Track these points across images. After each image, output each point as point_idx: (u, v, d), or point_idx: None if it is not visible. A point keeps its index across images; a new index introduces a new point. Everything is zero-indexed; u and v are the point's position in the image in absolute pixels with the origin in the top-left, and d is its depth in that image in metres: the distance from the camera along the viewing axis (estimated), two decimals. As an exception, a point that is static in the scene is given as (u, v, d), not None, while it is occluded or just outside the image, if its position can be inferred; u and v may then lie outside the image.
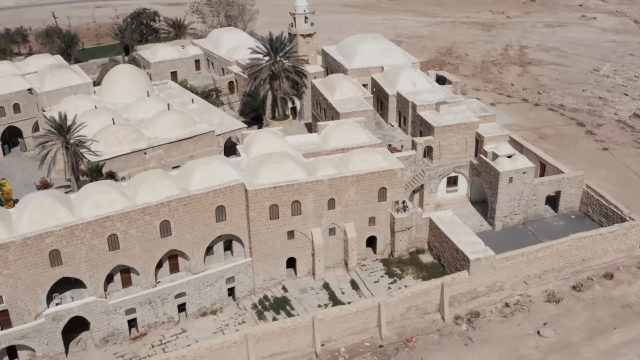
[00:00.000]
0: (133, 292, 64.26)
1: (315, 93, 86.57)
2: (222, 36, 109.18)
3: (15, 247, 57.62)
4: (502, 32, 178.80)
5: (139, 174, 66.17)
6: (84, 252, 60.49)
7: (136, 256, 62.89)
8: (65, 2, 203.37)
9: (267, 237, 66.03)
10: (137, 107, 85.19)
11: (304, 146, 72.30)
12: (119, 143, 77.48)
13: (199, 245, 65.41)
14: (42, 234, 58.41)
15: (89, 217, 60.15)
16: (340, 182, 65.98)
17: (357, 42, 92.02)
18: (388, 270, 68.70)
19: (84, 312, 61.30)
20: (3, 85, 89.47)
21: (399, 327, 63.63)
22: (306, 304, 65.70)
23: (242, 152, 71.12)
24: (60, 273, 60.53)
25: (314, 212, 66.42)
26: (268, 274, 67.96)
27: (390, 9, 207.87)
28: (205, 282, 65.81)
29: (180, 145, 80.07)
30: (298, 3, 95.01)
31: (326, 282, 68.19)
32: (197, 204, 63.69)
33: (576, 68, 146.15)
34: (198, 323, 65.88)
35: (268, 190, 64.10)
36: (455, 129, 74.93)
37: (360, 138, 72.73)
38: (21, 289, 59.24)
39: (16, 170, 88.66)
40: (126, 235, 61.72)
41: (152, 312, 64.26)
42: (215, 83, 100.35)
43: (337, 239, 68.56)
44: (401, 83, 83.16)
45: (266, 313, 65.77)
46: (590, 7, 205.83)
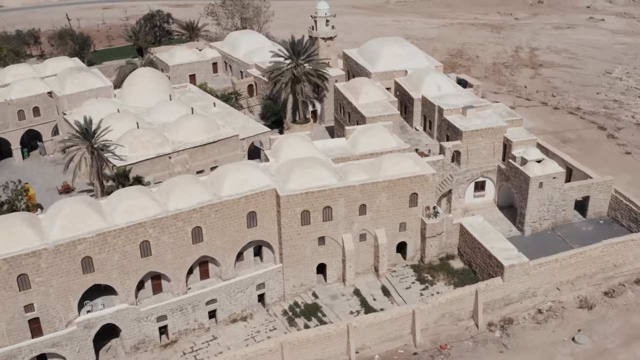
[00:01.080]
0: (164, 298, 63.62)
1: (339, 97, 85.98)
2: (240, 39, 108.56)
3: (48, 254, 56.94)
4: (512, 33, 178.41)
5: (169, 180, 65.52)
6: (116, 259, 59.84)
7: (168, 262, 62.24)
8: (73, 4, 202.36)
9: (298, 243, 65.45)
10: (160, 110, 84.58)
11: (332, 151, 71.74)
12: (143, 147, 76.90)
13: (230, 251, 64.78)
14: (75, 240, 57.71)
15: (121, 223, 59.47)
16: (371, 188, 65.41)
17: (380, 46, 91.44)
18: (419, 277, 68.16)
19: (116, 320, 60.70)
20: (23, 88, 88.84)
21: (432, 334, 63.12)
22: (338, 311, 65.12)
23: (271, 157, 70.51)
24: (92, 280, 59.85)
25: (345, 218, 65.84)
26: (298, 280, 67.38)
27: (398, 10, 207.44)
28: (236, 288, 65.24)
29: (204, 149, 79.51)
30: (319, 6, 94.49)
31: (357, 288, 67.62)
32: (228, 209, 63.07)
33: (588, 70, 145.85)
34: (229, 330, 65.29)
35: (300, 196, 63.51)
36: (483, 133, 74.39)
37: (388, 143, 72.17)
38: (53, 296, 58.54)
39: (36, 174, 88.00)
40: (158, 242, 61.08)
41: (183, 318, 63.68)
42: (235, 86, 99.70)
43: (368, 244, 68.00)
44: (426, 87, 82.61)
45: (297, 319, 65.18)
46: (598, 9, 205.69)
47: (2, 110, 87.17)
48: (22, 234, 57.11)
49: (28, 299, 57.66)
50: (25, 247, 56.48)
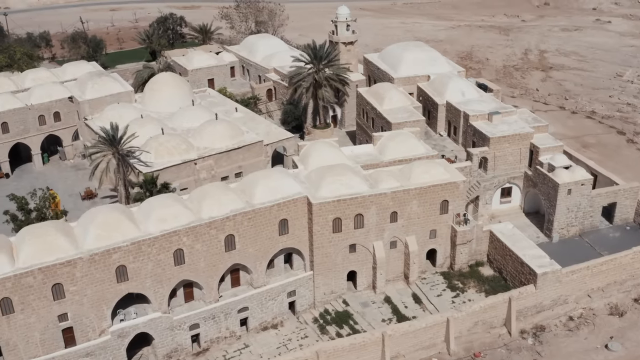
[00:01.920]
0: (195, 306, 63.37)
1: (362, 102, 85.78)
2: (257, 43, 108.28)
3: (83, 263, 56.65)
4: (520, 35, 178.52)
5: (201, 187, 65.27)
6: (149, 268, 59.58)
7: (200, 271, 62.00)
8: (79, 5, 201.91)
9: (330, 250, 65.27)
10: (183, 116, 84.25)
11: (360, 157, 71.59)
12: (169, 153, 76.58)
13: (261, 259, 64.57)
14: (110, 249, 57.44)
15: (155, 231, 59.20)
16: (403, 195, 65.27)
17: (402, 51, 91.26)
18: (449, 284, 68.04)
19: (149, 328, 60.46)
20: (43, 93, 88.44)
21: (466, 341, 63.02)
22: (370, 319, 64.95)
23: (299, 163, 70.28)
24: (126, 289, 59.57)
25: (376, 225, 65.69)
26: (328, 287, 67.21)
27: (404, 12, 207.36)
28: (267, 296, 65.07)
29: (229, 155, 79.23)
30: (340, 11, 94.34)
31: (387, 295, 67.47)
32: (261, 217, 62.84)
33: (598, 73, 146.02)
34: (260, 337, 65.09)
35: (332, 203, 63.32)
36: (510, 139, 74.34)
37: (417, 149, 72.07)
38: (87, 305, 58.26)
39: (57, 180, 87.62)
40: (192, 250, 60.83)
41: (215, 327, 63.49)
42: (254, 91, 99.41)
43: (398, 252, 67.85)
44: (450, 92, 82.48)
45: (328, 327, 65.00)
46: (604, 11, 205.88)
47: (22, 115, 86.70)
48: (56, 243, 56.82)
49: (62, 308, 57.39)
50: (60, 257, 56.16)
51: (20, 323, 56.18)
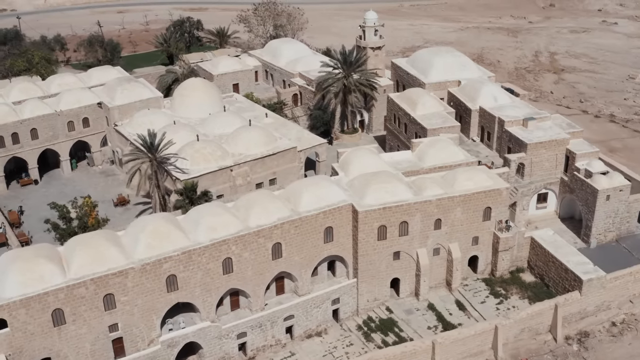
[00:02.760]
0: (241, 315, 63.27)
1: (393, 107, 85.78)
2: (281, 47, 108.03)
3: (135, 273, 56.44)
4: (528, 37, 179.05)
5: (247, 195, 65.10)
6: (199, 277, 59.41)
7: (248, 279, 61.88)
8: (86, 7, 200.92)
9: (374, 258, 65.30)
10: (215, 122, 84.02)
11: (400, 164, 71.62)
12: (205, 160, 76.38)
13: (306, 266, 64.50)
14: (161, 259, 57.24)
15: (205, 240, 59.02)
16: (447, 202, 65.36)
17: (431, 56, 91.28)
18: (492, 290, 68.19)
19: (198, 338, 60.41)
20: (72, 99, 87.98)
21: (512, 348, 63.19)
22: (415, 326, 65.01)
23: (340, 170, 70.24)
24: (176, 298, 59.39)
25: (421, 233, 65.76)
26: (372, 294, 67.24)
27: (412, 14, 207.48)
28: (312, 304, 65.09)
29: (264, 161, 79.13)
30: (368, 16, 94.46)
31: (431, 302, 67.54)
32: (307, 225, 62.78)
33: (610, 75, 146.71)
34: (305, 345, 65.06)
35: (377, 211, 63.34)
36: (547, 145, 74.59)
37: (456, 156, 72.21)
38: (137, 315, 58.03)
39: (87, 186, 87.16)
40: (240, 259, 60.70)
41: (261, 335, 63.46)
42: (280, 96, 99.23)
43: (441, 259, 67.95)
44: (482, 97, 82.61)
45: (373, 335, 65.01)
46: (610, 12, 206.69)
47: (52, 122, 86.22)
48: (107, 253, 56.58)
49: (113, 318, 57.14)
50: (111, 267, 55.91)
51: (71, 334, 55.91)
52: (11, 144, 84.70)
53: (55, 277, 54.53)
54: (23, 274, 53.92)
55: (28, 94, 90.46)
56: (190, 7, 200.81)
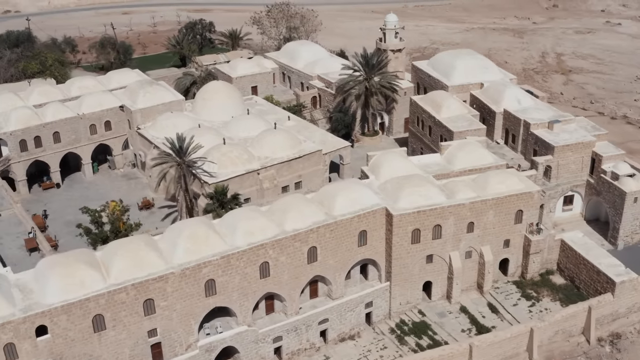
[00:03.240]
0: (276, 318, 63.30)
1: (417, 110, 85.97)
2: (299, 49, 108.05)
3: (174, 278, 56.41)
4: (534, 38, 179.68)
5: (281, 199, 65.13)
6: (237, 281, 59.43)
7: (284, 283, 61.93)
8: (91, 9, 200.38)
9: (408, 261, 65.46)
10: (239, 125, 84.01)
11: (429, 167, 71.81)
12: (232, 164, 76.41)
13: (340, 270, 64.61)
14: (201, 264, 57.22)
15: (242, 245, 59.02)
16: (480, 206, 65.58)
17: (453, 58, 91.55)
18: (523, 293, 68.45)
19: (236, 342, 60.39)
20: (94, 102, 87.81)
21: (546, 350, 63.48)
22: (449, 329, 65.19)
23: (370, 173, 70.34)
24: (214, 303, 59.37)
25: (453, 236, 65.96)
26: (405, 297, 67.39)
27: (416, 15, 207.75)
28: (346, 307, 65.21)
29: (290, 164, 79.24)
30: (388, 18, 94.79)
31: (463, 305, 67.74)
32: (342, 229, 62.89)
33: (618, 76, 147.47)
34: (339, 349, 65.20)
35: (412, 214, 63.50)
36: (574, 148, 74.93)
37: (485, 159, 72.48)
38: (175, 320, 57.98)
39: (110, 190, 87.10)
40: (277, 263, 60.75)
41: (296, 339, 63.56)
42: (299, 98, 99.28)
43: (473, 261, 68.15)
44: (506, 100, 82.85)
45: (407, 338, 65.16)
46: (613, 13, 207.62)
47: (74, 125, 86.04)
48: (147, 258, 56.53)
49: (152, 324, 57.08)
50: (151, 272, 55.84)
51: (111, 340, 55.79)
52: (34, 148, 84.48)
53: (95, 283, 54.41)
54: (63, 279, 53.77)
55: (48, 97, 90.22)
56: (194, 9, 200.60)
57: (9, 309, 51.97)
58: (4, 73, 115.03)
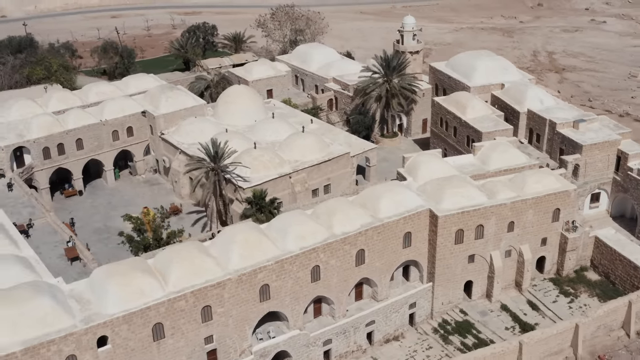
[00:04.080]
0: (324, 322, 63.66)
1: (440, 111, 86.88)
2: (311, 52, 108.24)
3: (232, 284, 56.46)
4: (524, 37, 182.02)
5: (325, 203, 65.44)
6: (289, 285, 59.68)
7: (333, 286, 62.35)
8: (78, 12, 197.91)
9: (451, 261, 66.28)
10: (265, 129, 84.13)
11: (464, 168, 72.68)
12: (264, 168, 76.57)
13: (386, 272, 65.23)
14: (256, 269, 57.36)
15: (295, 249, 59.29)
16: (521, 205, 66.66)
17: (472, 59, 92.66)
18: (561, 290, 69.70)
19: (288, 346, 60.56)
20: (116, 108, 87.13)
21: (589, 345, 64.71)
22: (493, 327, 66.12)
23: (407, 175, 71.00)
24: (267, 308, 59.55)
25: (494, 235, 66.93)
26: (446, 297, 68.20)
27: (405, 15, 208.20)
28: (392, 308, 65.80)
29: (320, 167, 79.59)
30: (406, 20, 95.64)
31: (503, 303, 68.72)
32: (388, 231, 63.50)
33: (611, 74, 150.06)
34: (385, 350, 65.78)
35: (456, 215, 64.33)
36: (601, 146, 76.50)
37: (519, 159, 73.63)
38: (231, 326, 58.05)
39: (134, 196, 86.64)
40: (327, 266, 61.13)
41: (345, 341, 63.97)
42: (316, 101, 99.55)
43: (512, 260, 69.21)
44: (529, 100, 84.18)
45: (451, 337, 65.94)
46: (597, 11, 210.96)
47: (97, 131, 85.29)
48: (204, 265, 56.52)
49: (209, 330, 57.07)
50: (209, 279, 55.83)
51: (169, 348, 55.62)
52: (57, 155, 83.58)
53: (155, 291, 54.22)
54: (123, 289, 53.46)
55: (67, 104, 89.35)
56: (184, 11, 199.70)
57: (70, 321, 51.49)
58: (8, 79, 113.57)
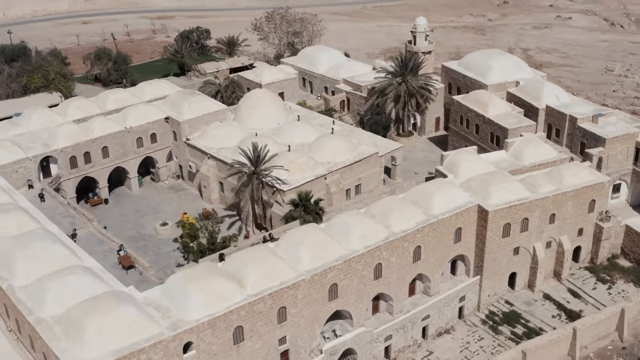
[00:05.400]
0: (382, 318, 65.17)
1: (460, 109, 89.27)
2: (317, 55, 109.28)
3: (305, 284, 57.47)
4: (496, 35, 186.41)
5: (378, 202, 66.97)
6: (355, 284, 61.02)
7: (393, 283, 63.96)
8: (48, 19, 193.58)
9: (498, 254, 68.60)
10: (292, 131, 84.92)
11: (499, 163, 75.03)
12: (300, 170, 77.53)
13: (439, 267, 67.16)
14: (327, 269, 58.50)
15: (359, 248, 60.65)
16: (562, 198, 69.44)
17: (487, 58, 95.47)
18: (598, 277, 72.82)
19: (354, 343, 61.81)
20: (139, 115, 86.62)
21: (632, 328, 67.98)
22: (540, 316, 68.69)
23: (447, 172, 72.99)
24: (335, 307, 60.78)
25: (537, 228, 69.53)
26: (492, 289, 70.51)
27: (376, 15, 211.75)
28: (445, 302, 67.67)
29: (351, 168, 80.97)
30: (418, 22, 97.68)
31: (545, 293, 71.41)
32: (442, 227, 65.42)
33: (587, 69, 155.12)
34: (439, 343, 67.62)
35: (505, 210, 66.67)
36: (622, 139, 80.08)
37: (550, 153, 76.51)
38: (303, 326, 59.07)
39: (161, 203, 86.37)
40: (388, 264, 62.69)
41: (403, 336, 65.56)
42: (329, 102, 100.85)
43: (551, 251, 71.96)
44: (546, 96, 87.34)
45: (500, 328, 68.22)
46: (561, 7, 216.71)
47: (122, 139, 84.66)
48: (277, 267, 57.41)
49: (283, 331, 57.98)
50: (283, 280, 56.72)
51: (247, 350, 56.34)
52: (83, 164, 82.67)
53: (234, 295, 54.85)
54: (205, 294, 53.89)
55: (86, 112, 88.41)
56: (157, 16, 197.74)
57: (156, 328, 51.69)
58: (5, 89, 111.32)
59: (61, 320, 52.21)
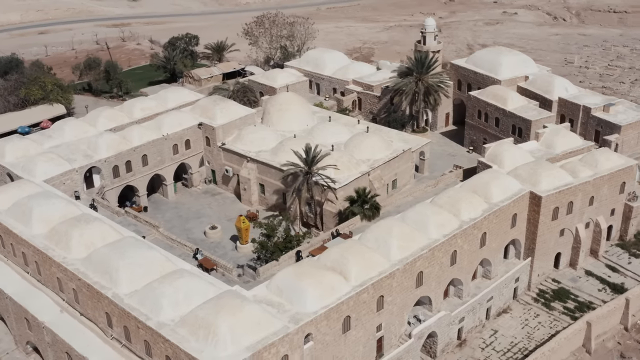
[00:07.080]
0: (453, 302, 69.29)
1: (477, 104, 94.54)
2: (322, 57, 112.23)
3: (399, 273, 61.02)
4: (452, 32, 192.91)
5: (444, 193, 70.80)
6: (436, 271, 64.95)
7: (464, 268, 68.21)
8: (3, 31, 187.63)
9: (547, 236, 74.00)
10: (325, 132, 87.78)
11: (534, 153, 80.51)
12: (346, 168, 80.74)
13: (498, 251, 71.91)
14: (415, 258, 62.21)
15: (439, 237, 64.63)
16: (599, 181, 75.51)
17: (496, 55, 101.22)
18: (630, 252, 79.31)
19: (436, 327, 65.77)
20: (174, 122, 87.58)
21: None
22: (587, 291, 74.44)
23: (491, 163, 77.89)
24: (420, 293, 64.50)
25: (579, 210, 75.34)
26: (541, 269, 75.87)
27: (332, 16, 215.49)
28: (504, 284, 72.50)
29: (389, 164, 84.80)
30: (428, 22, 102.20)
31: (587, 270, 77.37)
32: (503, 214, 70.20)
33: (548, 62, 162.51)
34: (500, 322, 72.27)
35: (555, 194, 72.10)
36: (634, 125, 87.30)
37: (577, 141, 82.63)
38: (395, 313, 62.51)
39: (201, 207, 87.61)
40: (462, 250, 66.91)
41: (472, 318, 69.89)
42: (341, 103, 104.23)
43: (589, 231, 77.94)
44: (557, 89, 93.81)
45: (552, 304, 73.66)
46: (505, 3, 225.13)
47: (159, 146, 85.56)
48: (374, 259, 60.67)
49: (380, 319, 61.24)
50: (380, 270, 60.06)
51: (352, 339, 59.34)
52: (125, 173, 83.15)
53: (342, 287, 57.75)
54: (317, 287, 56.52)
55: (116, 122, 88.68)
56: (112, 23, 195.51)
57: (280, 323, 54.06)
58: (3, 101, 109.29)
59: (185, 322, 53.67)
